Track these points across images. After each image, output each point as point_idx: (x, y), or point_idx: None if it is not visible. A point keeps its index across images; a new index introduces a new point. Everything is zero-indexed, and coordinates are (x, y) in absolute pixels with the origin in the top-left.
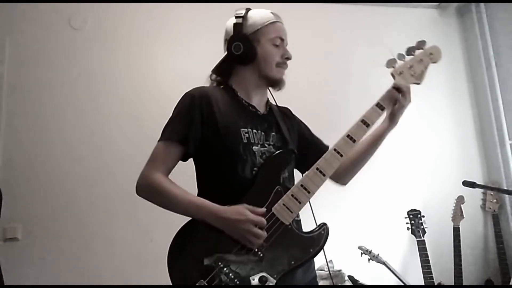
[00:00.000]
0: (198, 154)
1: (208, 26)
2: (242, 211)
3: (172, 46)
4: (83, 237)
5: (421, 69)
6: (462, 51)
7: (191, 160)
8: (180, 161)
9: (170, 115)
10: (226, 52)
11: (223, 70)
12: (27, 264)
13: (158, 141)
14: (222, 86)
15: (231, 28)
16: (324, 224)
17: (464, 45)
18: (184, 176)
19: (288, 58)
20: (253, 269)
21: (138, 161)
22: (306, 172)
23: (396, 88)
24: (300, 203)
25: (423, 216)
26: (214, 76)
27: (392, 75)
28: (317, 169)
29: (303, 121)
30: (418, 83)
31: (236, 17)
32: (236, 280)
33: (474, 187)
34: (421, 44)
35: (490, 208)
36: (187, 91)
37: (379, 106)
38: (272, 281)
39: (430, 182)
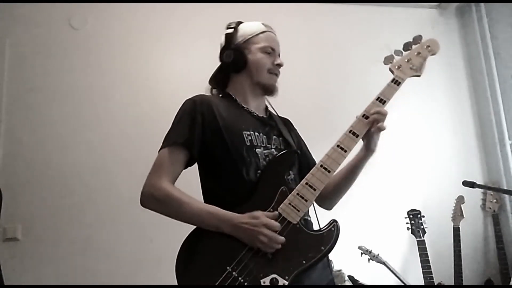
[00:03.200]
0: (201, 159)
1: (208, 26)
2: (256, 214)
3: (172, 46)
4: (83, 237)
5: (420, 61)
6: (462, 51)
7: (191, 168)
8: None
9: (172, 121)
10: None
11: (219, 80)
12: (27, 264)
13: (161, 148)
14: (220, 95)
15: (224, 39)
16: (334, 221)
17: (464, 45)
18: (185, 183)
19: (280, 65)
20: (263, 271)
21: (138, 161)
22: (311, 169)
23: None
24: (306, 201)
25: (423, 216)
26: (210, 87)
27: (391, 70)
28: (321, 166)
29: (303, 121)
30: (418, 75)
31: (228, 28)
32: (246, 284)
33: (474, 187)
34: (417, 39)
35: (490, 208)
36: (187, 98)
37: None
38: (283, 283)
39: (430, 182)
